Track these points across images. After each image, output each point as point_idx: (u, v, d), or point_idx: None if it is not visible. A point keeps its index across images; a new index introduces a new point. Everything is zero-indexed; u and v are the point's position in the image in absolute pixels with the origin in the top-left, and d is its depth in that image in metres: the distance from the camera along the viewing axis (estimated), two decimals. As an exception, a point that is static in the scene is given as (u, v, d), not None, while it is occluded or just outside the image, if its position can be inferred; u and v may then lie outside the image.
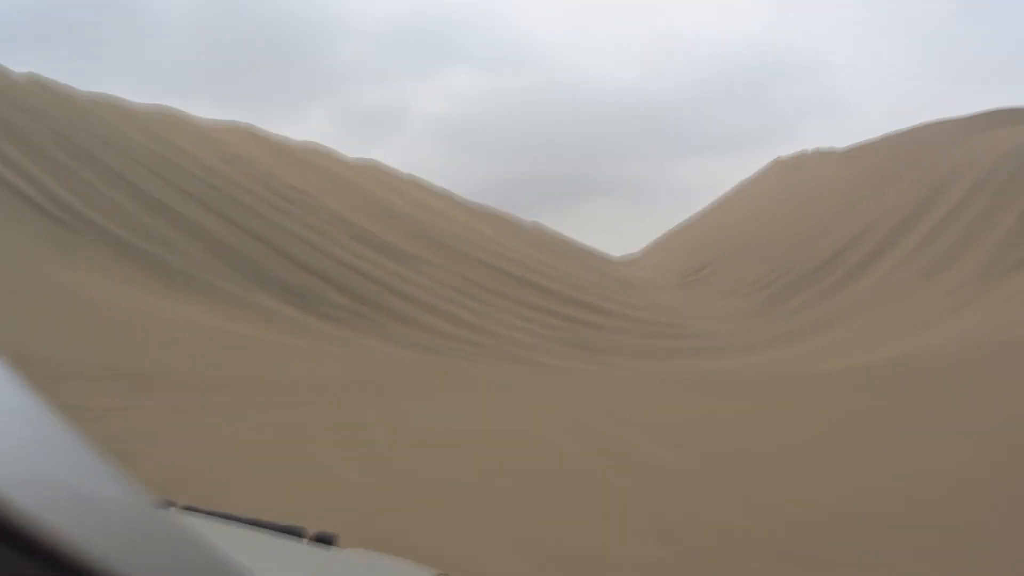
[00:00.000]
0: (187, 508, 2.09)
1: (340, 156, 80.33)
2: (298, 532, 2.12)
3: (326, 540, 2.11)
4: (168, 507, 2.01)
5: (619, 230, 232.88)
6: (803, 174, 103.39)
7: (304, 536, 2.12)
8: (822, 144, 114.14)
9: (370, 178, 76.10)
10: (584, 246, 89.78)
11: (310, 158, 75.06)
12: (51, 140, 56.60)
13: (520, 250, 73.01)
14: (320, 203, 65.29)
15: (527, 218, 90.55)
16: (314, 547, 2.08)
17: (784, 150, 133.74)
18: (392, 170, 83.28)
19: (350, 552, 2.14)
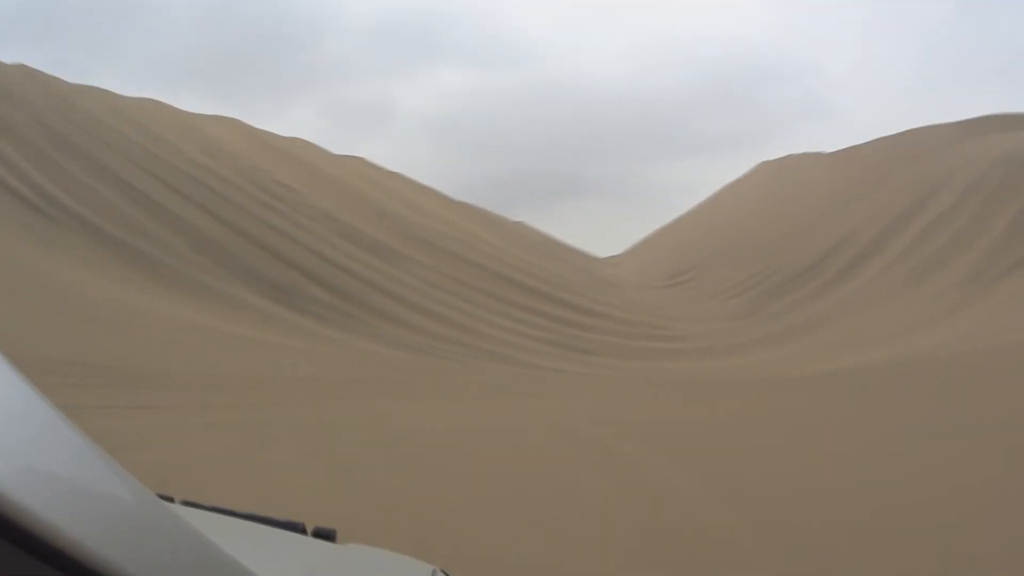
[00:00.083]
0: (186, 503, 2.10)
1: (327, 152, 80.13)
2: (298, 527, 2.14)
3: (326, 535, 2.14)
4: (167, 502, 1.94)
5: (605, 230, 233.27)
6: (790, 176, 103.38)
7: (304, 531, 2.14)
8: (810, 148, 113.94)
9: (357, 175, 75.85)
10: (569, 246, 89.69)
11: (297, 153, 74.74)
12: (36, 130, 56.23)
13: (506, 249, 72.83)
14: (306, 199, 64.97)
15: (513, 217, 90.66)
16: (314, 542, 2.10)
17: (772, 153, 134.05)
18: (379, 167, 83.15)
19: (350, 547, 2.17)
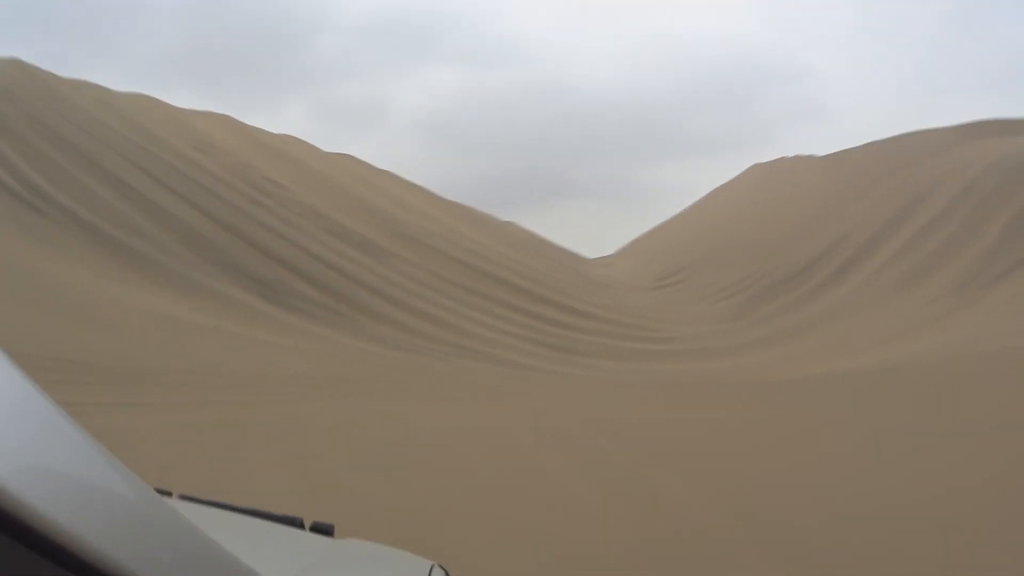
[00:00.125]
0: (184, 497, 2.10)
1: (317, 149, 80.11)
2: (296, 522, 2.15)
3: (324, 530, 2.15)
4: (166, 496, 2.00)
5: (595, 231, 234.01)
6: (781, 179, 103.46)
7: (302, 526, 2.16)
8: (803, 151, 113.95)
9: (346, 172, 75.77)
10: (559, 246, 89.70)
11: (287, 150, 74.62)
12: (28, 124, 56.01)
13: (494, 248, 72.73)
14: (295, 196, 64.82)
15: (503, 216, 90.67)
16: (312, 537, 2.11)
17: (764, 155, 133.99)
18: (368, 165, 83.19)
19: (348, 542, 2.18)
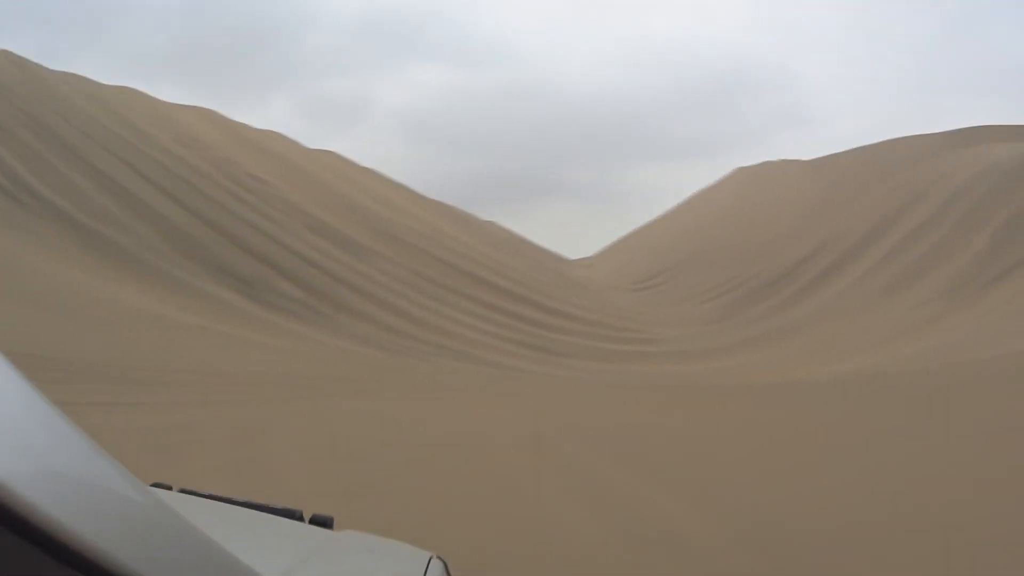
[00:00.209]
0: (184, 491, 2.09)
1: (300, 145, 79.93)
2: (295, 514, 2.14)
3: (323, 522, 2.14)
4: (166, 490, 2.03)
5: (578, 232, 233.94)
6: (766, 183, 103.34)
7: (301, 518, 2.15)
8: (789, 155, 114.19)
9: (329, 169, 75.53)
10: (539, 246, 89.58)
11: (270, 146, 74.38)
12: (13, 115, 55.80)
13: (476, 248, 72.58)
14: (277, 192, 64.56)
15: (486, 216, 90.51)
16: (311, 529, 2.10)
17: (750, 159, 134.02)
18: (351, 162, 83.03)
19: (347, 534, 2.16)
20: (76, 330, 26.62)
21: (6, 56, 62.54)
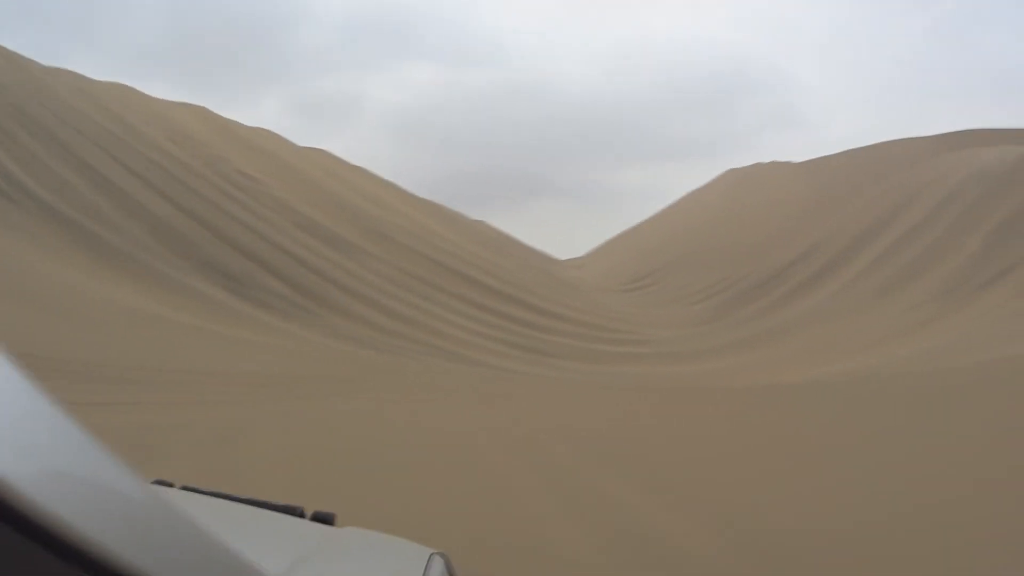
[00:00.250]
0: (187, 488, 2.07)
1: (291, 143, 79.82)
2: (297, 511, 2.12)
3: (325, 519, 2.13)
4: (168, 487, 2.01)
5: (568, 232, 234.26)
6: (757, 185, 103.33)
7: (303, 515, 2.12)
8: (780, 158, 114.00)
9: (319, 167, 75.41)
10: (529, 246, 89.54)
11: (261, 143, 74.27)
12: (5, 110, 55.40)
13: (465, 247, 72.50)
14: (267, 190, 64.45)
15: (476, 215, 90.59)
16: (312, 525, 2.07)
17: (742, 161, 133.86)
18: (342, 160, 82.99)
19: (349, 530, 2.14)
20: (61, 326, 26.37)
21: (-1, 52, 62.37)
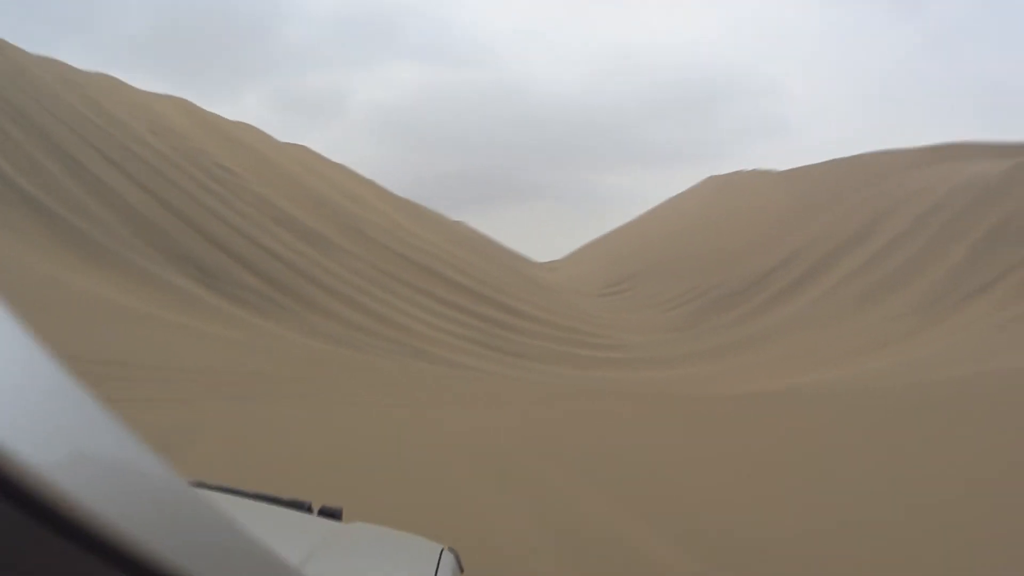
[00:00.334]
0: (194, 483, 2.03)
1: (271, 138, 79.96)
2: (304, 506, 2.18)
3: (332, 514, 2.18)
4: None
5: (546, 235, 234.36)
6: (738, 192, 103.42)
7: (310, 510, 2.18)
8: (762, 166, 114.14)
9: (299, 163, 75.48)
10: (506, 247, 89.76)
11: (241, 137, 74.25)
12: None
13: (442, 247, 72.60)
14: (245, 184, 64.40)
15: (454, 215, 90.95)
16: (320, 520, 2.13)
17: (723, 168, 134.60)
18: (322, 157, 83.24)
19: (356, 525, 2.17)
20: (34, 320, 26.05)
21: (-19, 39, 62.05)
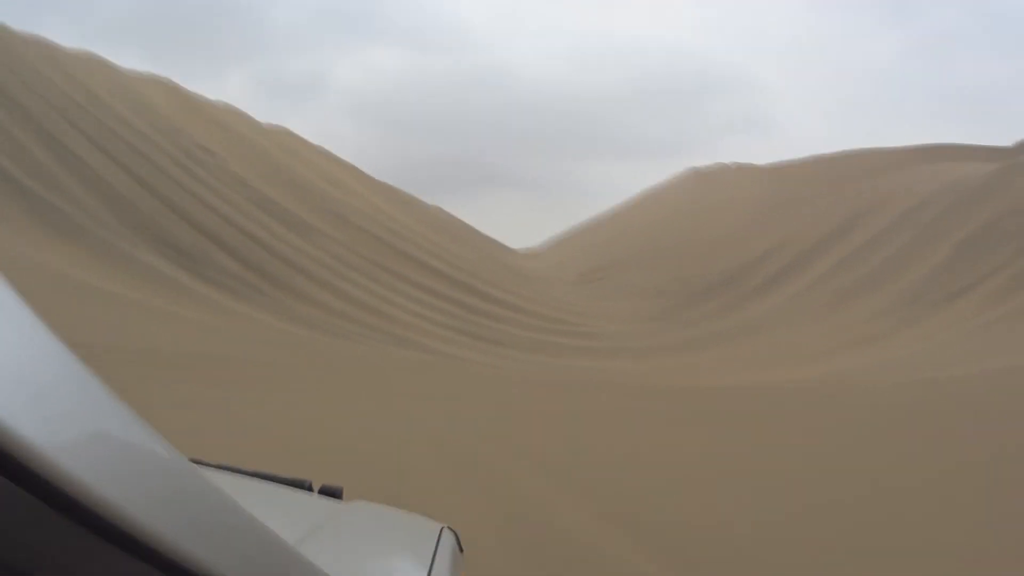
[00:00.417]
0: (193, 461, 1.75)
1: (253, 120, 79.43)
2: (304, 484, 2.18)
3: (333, 492, 2.18)
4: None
5: (525, 222, 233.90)
6: (719, 185, 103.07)
7: (311, 488, 2.18)
8: (744, 160, 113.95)
9: (279, 145, 75.15)
10: (483, 234, 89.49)
11: (223, 119, 73.91)
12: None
13: (420, 232, 72.53)
14: (225, 165, 64.21)
15: (435, 201, 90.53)
16: (320, 499, 2.12)
17: (706, 162, 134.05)
18: (303, 139, 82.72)
19: (357, 504, 2.18)
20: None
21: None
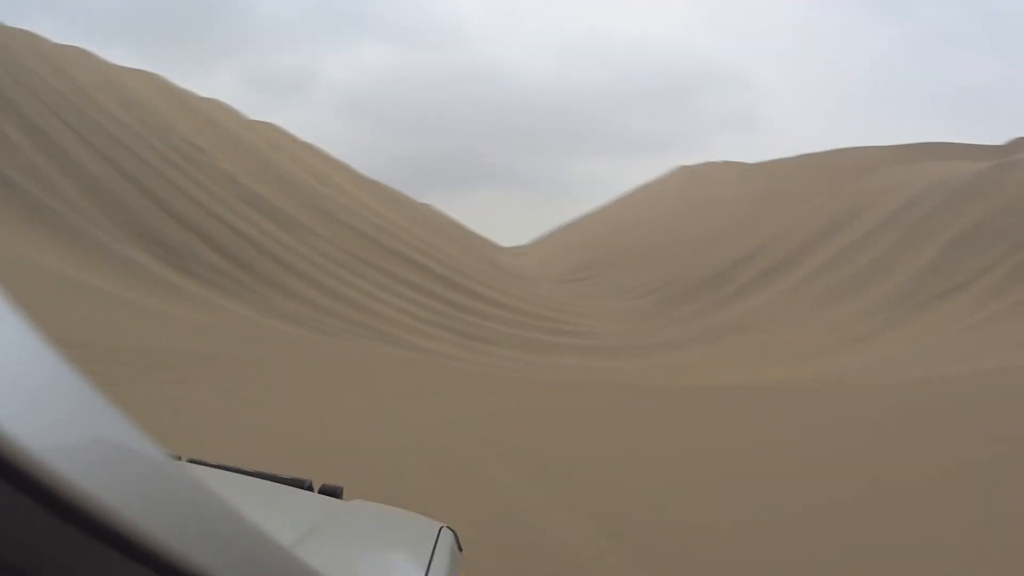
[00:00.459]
0: (192, 460, 2.10)
1: (241, 116, 79.26)
2: (304, 484, 2.17)
3: (333, 492, 2.19)
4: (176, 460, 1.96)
5: (514, 220, 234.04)
6: (707, 183, 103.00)
7: (311, 488, 2.18)
8: (734, 158, 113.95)
9: (267, 141, 74.97)
10: (471, 231, 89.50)
11: (211, 114, 73.72)
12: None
13: (408, 229, 72.46)
14: (213, 161, 64.04)
15: (422, 198, 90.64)
16: (320, 498, 2.13)
17: (696, 160, 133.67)
18: (291, 135, 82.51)
19: (356, 503, 2.20)
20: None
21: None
